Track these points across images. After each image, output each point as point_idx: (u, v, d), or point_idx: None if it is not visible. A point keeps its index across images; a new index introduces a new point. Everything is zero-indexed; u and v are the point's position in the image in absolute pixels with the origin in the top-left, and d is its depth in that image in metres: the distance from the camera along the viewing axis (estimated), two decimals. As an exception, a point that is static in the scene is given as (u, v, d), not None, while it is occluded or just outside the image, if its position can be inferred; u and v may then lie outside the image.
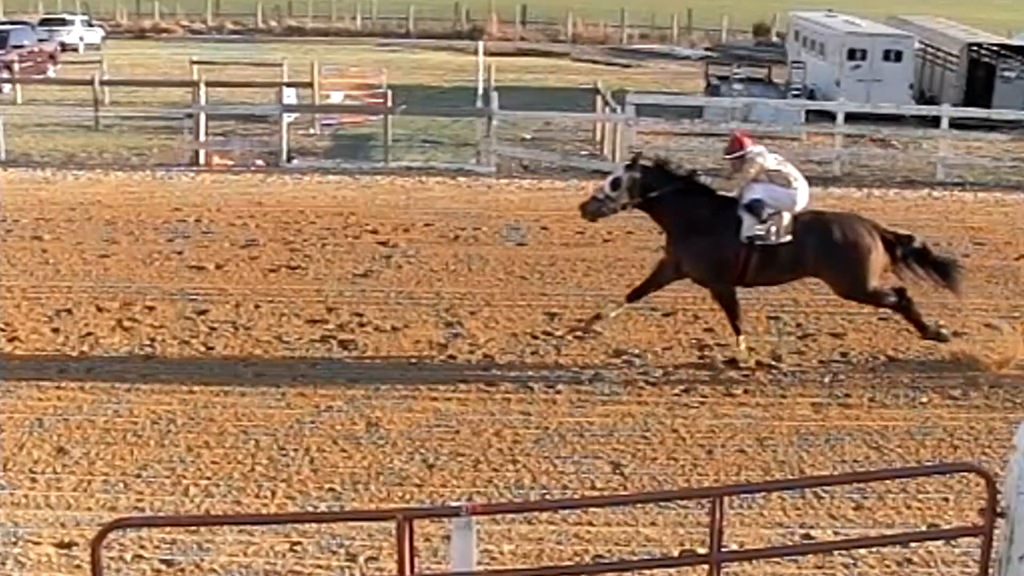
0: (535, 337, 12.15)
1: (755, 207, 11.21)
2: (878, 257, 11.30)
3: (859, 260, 11.25)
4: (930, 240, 12.46)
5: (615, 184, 11.49)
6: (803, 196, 11.42)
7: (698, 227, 11.30)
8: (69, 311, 12.62)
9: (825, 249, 11.25)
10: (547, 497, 8.70)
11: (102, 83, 26.35)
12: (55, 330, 12.07)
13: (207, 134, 22.59)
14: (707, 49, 47.76)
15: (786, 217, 11.24)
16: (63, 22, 44.85)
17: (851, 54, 30.05)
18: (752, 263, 11.27)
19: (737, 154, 11.47)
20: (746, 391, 10.84)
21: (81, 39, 43.68)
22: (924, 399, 10.70)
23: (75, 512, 8.30)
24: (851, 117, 23.16)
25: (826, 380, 11.15)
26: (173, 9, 53.84)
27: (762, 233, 11.19)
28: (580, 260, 15.07)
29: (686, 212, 11.32)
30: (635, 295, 11.95)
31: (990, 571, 6.10)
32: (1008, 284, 14.59)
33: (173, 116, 24.68)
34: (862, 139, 24.08)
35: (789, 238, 11.21)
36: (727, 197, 11.46)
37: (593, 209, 11.67)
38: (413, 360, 11.45)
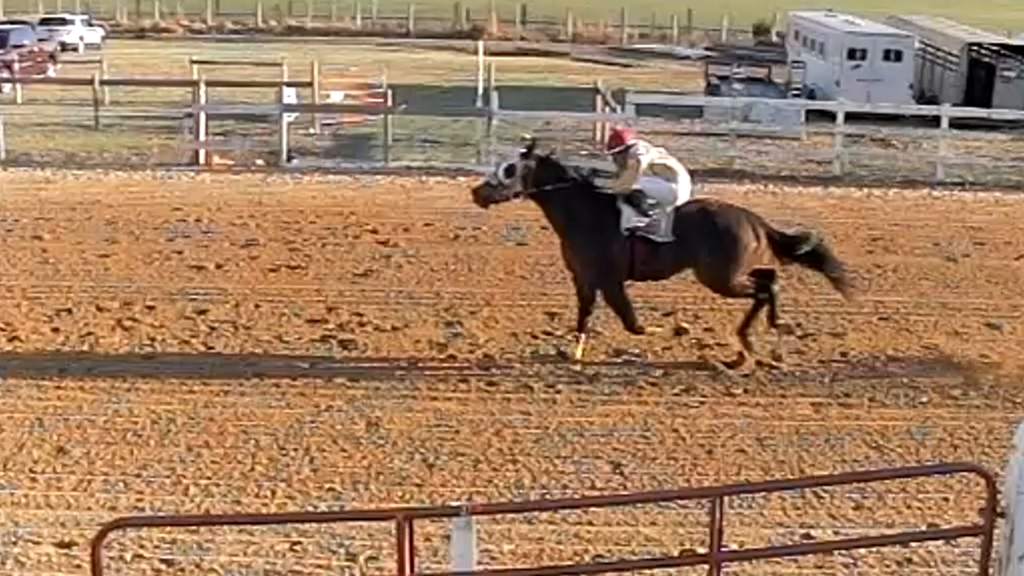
0: (535, 337, 12.16)
1: (635, 198, 11.19)
2: (751, 255, 11.27)
3: (732, 256, 11.20)
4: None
5: (509, 171, 11.44)
6: (684, 190, 11.40)
7: (582, 223, 11.27)
8: (69, 311, 12.62)
9: (704, 240, 11.18)
10: (547, 497, 8.70)
11: (102, 83, 26.34)
12: (55, 330, 12.07)
13: (207, 134, 22.59)
14: (707, 49, 47.76)
15: (668, 209, 11.20)
16: (63, 22, 44.87)
17: (851, 54, 30.05)
18: (637, 255, 11.21)
19: (619, 148, 11.45)
20: (746, 391, 10.84)
21: (81, 39, 43.70)
22: (924, 399, 10.70)
23: (75, 512, 8.30)
24: (851, 117, 23.16)
25: (826, 380, 11.15)
26: (173, 9, 53.87)
27: (641, 224, 11.15)
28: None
29: (572, 208, 11.29)
30: (580, 324, 11.69)
31: (990, 571, 6.10)
32: (1008, 284, 14.59)
33: (173, 116, 24.68)
34: (862, 139, 24.10)
35: (671, 231, 11.15)
36: (607, 192, 11.38)
37: (486, 194, 11.61)
38: (413, 360, 11.44)
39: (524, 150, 11.67)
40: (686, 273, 11.82)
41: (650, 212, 11.16)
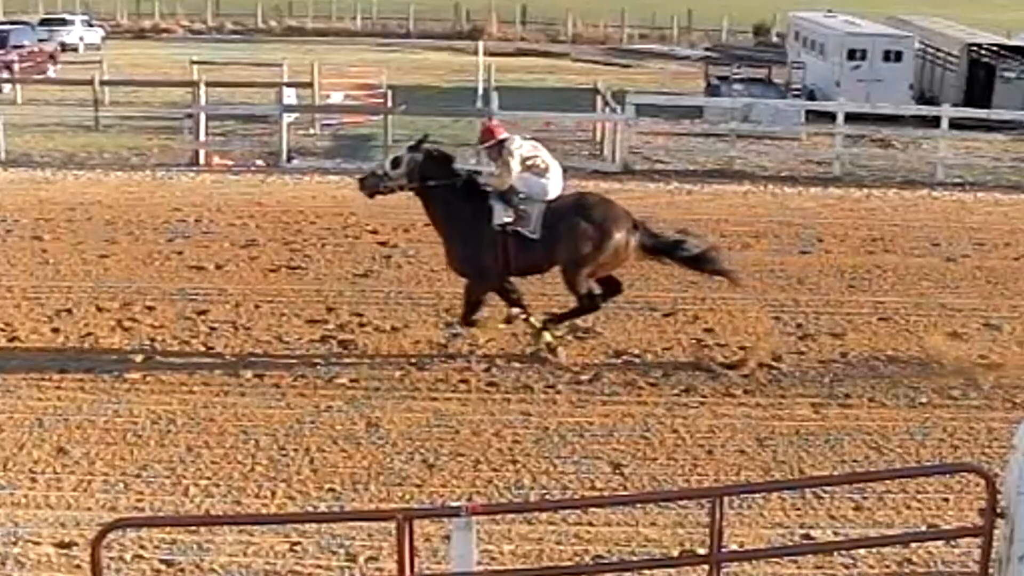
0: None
1: (506, 194, 11.22)
2: (614, 253, 11.27)
3: (595, 249, 11.21)
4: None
5: (395, 163, 11.49)
6: (555, 185, 11.40)
7: (459, 220, 11.32)
8: (69, 311, 12.62)
9: (570, 231, 11.18)
10: (547, 497, 8.70)
11: (102, 83, 26.34)
12: (55, 330, 12.07)
13: (207, 134, 22.59)
14: (707, 49, 47.76)
15: (537, 207, 11.21)
16: (63, 22, 44.86)
17: (851, 54, 30.06)
18: (510, 250, 11.23)
19: (491, 143, 11.48)
20: (746, 391, 10.84)
21: (81, 39, 43.69)
22: (924, 399, 10.70)
23: (75, 512, 8.30)
24: (851, 117, 23.16)
25: (826, 380, 11.16)
26: (173, 9, 53.87)
27: (511, 220, 11.16)
28: (580, 260, 15.05)
29: (452, 205, 11.33)
30: (512, 314, 11.75)
31: (990, 571, 6.11)
32: (1008, 284, 14.59)
33: (173, 116, 24.69)
34: (862, 139, 24.10)
35: (539, 233, 11.16)
36: (483, 189, 11.40)
37: (370, 185, 11.66)
38: (413, 360, 11.44)
39: (413, 144, 11.71)
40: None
41: (521, 207, 11.18)
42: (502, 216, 11.19)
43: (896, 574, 7.67)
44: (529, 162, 11.34)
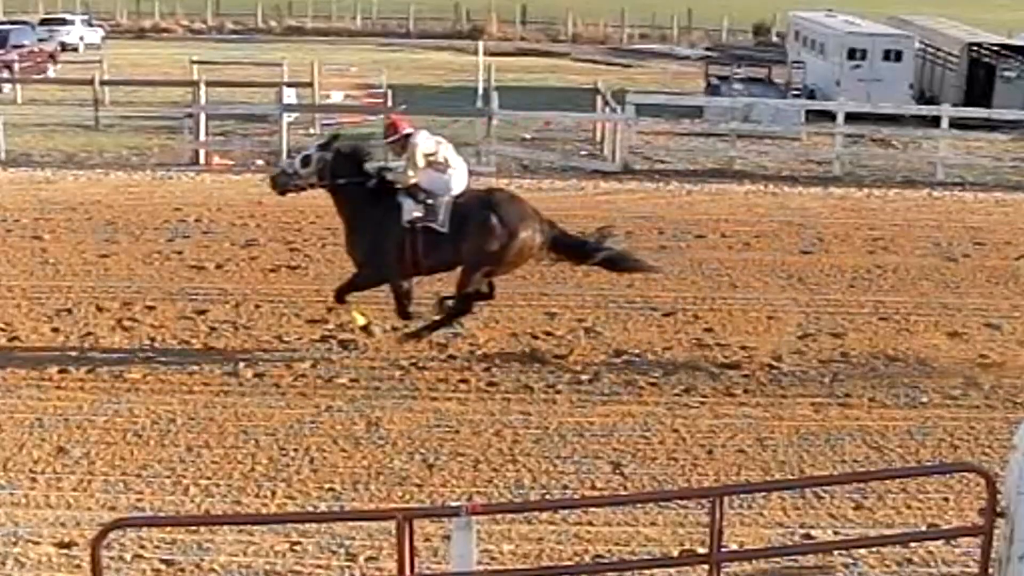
0: (535, 337, 12.15)
1: (411, 190, 11.24)
2: (518, 252, 11.28)
3: (498, 248, 11.21)
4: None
5: (305, 161, 11.50)
6: (459, 181, 11.43)
7: (368, 217, 11.33)
8: (69, 311, 12.62)
9: (478, 229, 11.18)
10: (547, 497, 8.70)
11: (102, 83, 26.34)
12: (55, 330, 12.07)
13: (207, 134, 22.59)
14: (707, 49, 47.75)
15: (443, 201, 11.23)
16: (63, 22, 44.87)
17: (851, 54, 30.06)
18: (419, 248, 11.23)
19: (394, 137, 11.49)
20: (746, 391, 10.83)
21: (81, 39, 43.70)
22: (924, 399, 10.70)
23: (75, 512, 8.30)
24: (851, 117, 23.17)
25: (826, 380, 11.15)
26: (173, 9, 53.87)
27: (420, 215, 11.17)
28: (580, 260, 15.05)
29: (362, 202, 11.34)
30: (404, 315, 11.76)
31: (990, 571, 6.11)
32: (1008, 284, 14.59)
33: (173, 116, 24.69)
34: (862, 139, 24.11)
35: (447, 226, 11.17)
36: (393, 186, 11.41)
37: (281, 182, 11.69)
38: (413, 360, 11.44)
39: (323, 142, 11.75)
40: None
41: (428, 202, 11.20)
42: (411, 212, 11.18)
43: (896, 574, 7.68)
44: (432, 157, 11.36)
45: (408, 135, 11.42)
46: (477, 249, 11.24)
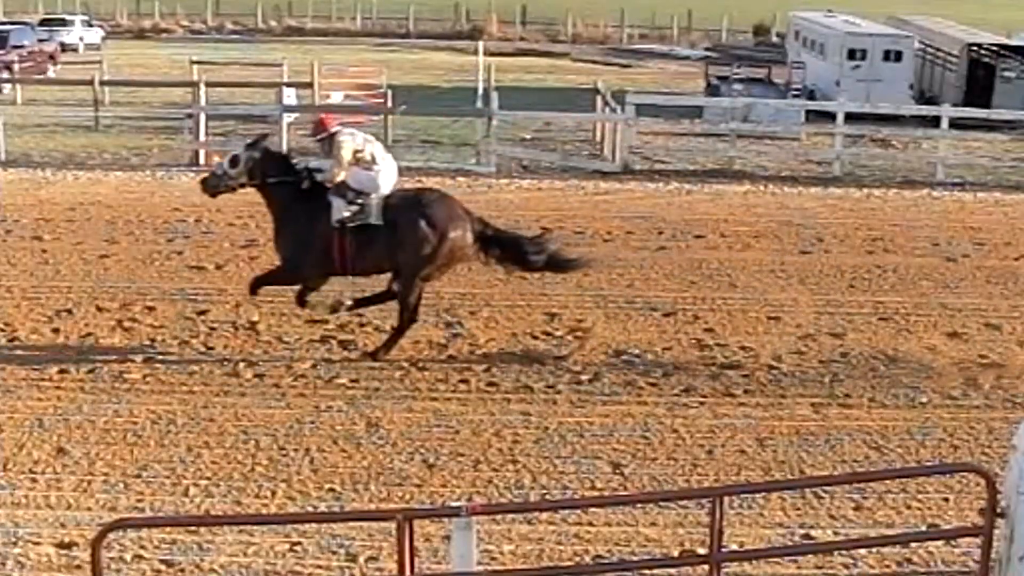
0: (535, 337, 12.16)
1: (340, 189, 11.23)
2: (451, 253, 11.28)
3: (443, 248, 11.21)
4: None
5: (234, 161, 11.50)
6: (387, 178, 11.38)
7: (298, 215, 11.34)
8: (69, 311, 12.62)
9: (415, 230, 11.17)
10: (547, 497, 8.70)
11: (102, 83, 26.34)
12: (55, 330, 12.07)
13: (207, 134, 22.58)
14: (707, 49, 47.75)
15: (374, 199, 11.21)
16: (63, 22, 44.83)
17: (851, 54, 30.05)
18: (347, 249, 11.21)
19: (323, 135, 11.49)
20: (746, 391, 10.84)
21: (81, 39, 43.66)
22: (924, 399, 10.70)
23: (75, 512, 8.30)
24: (851, 117, 23.16)
25: (826, 380, 11.15)
26: (173, 9, 53.84)
27: (350, 215, 11.15)
28: (580, 260, 15.05)
29: (292, 201, 11.35)
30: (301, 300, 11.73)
31: (990, 571, 6.11)
32: (1008, 284, 14.59)
33: (173, 116, 24.68)
34: (862, 139, 24.10)
35: (380, 222, 11.16)
36: (323, 185, 11.40)
37: (212, 184, 11.68)
38: (413, 360, 11.44)
39: (251, 142, 11.76)
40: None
41: (358, 201, 11.18)
42: (341, 212, 11.16)
43: (896, 574, 7.68)
44: (359, 155, 11.32)
45: (335, 133, 11.42)
46: (411, 255, 11.22)
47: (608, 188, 20.19)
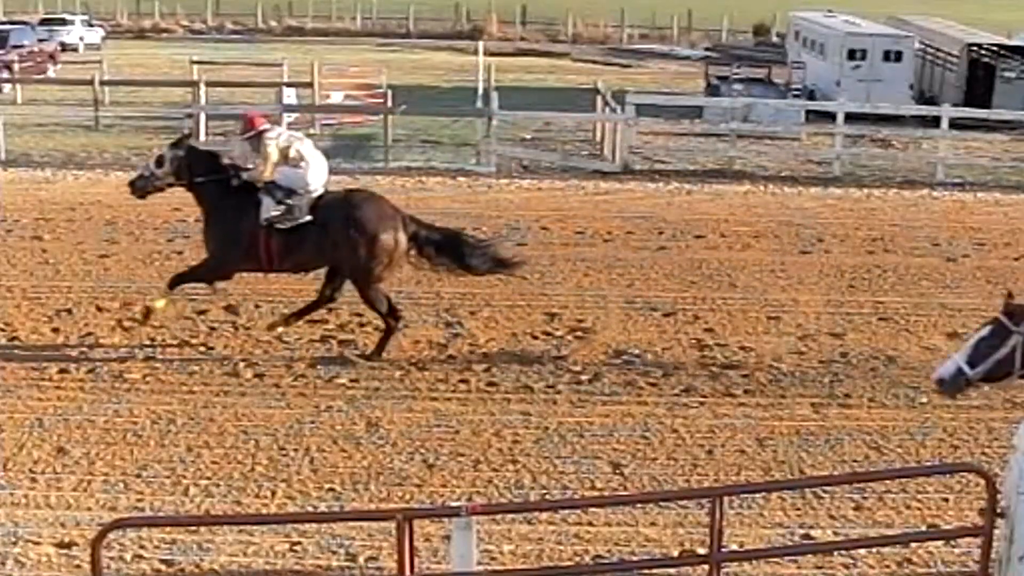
0: (535, 337, 12.16)
1: (269, 187, 11.26)
2: (394, 250, 11.27)
3: (376, 249, 11.20)
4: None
5: (159, 162, 11.53)
6: (316, 176, 11.42)
7: (226, 212, 11.36)
8: (69, 311, 12.62)
9: (345, 232, 11.18)
10: (547, 497, 8.70)
11: (102, 83, 26.34)
12: (55, 330, 12.07)
13: (207, 134, 22.58)
14: (707, 49, 47.75)
15: (304, 198, 11.24)
16: (63, 22, 44.86)
17: (851, 54, 30.05)
18: (274, 247, 11.24)
19: (250, 133, 11.51)
20: (746, 391, 10.83)
21: (81, 39, 43.68)
22: (924, 399, 10.69)
23: (75, 512, 8.30)
24: (851, 117, 23.17)
25: (826, 380, 11.15)
26: (173, 9, 53.87)
27: (278, 215, 11.18)
28: (580, 260, 15.08)
29: (220, 198, 11.39)
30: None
31: (990, 571, 6.11)
32: (1008, 284, 14.56)
33: (173, 116, 24.68)
34: (862, 139, 24.11)
35: (309, 219, 11.19)
36: (254, 183, 11.43)
37: (140, 185, 11.70)
38: (413, 360, 11.44)
39: (175, 141, 11.82)
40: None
41: (288, 201, 11.20)
42: (270, 211, 11.20)
43: (896, 574, 7.68)
44: (288, 153, 11.34)
45: (262, 131, 11.43)
46: (354, 259, 11.26)
47: (608, 188, 20.19)
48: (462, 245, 11.58)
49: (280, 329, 11.82)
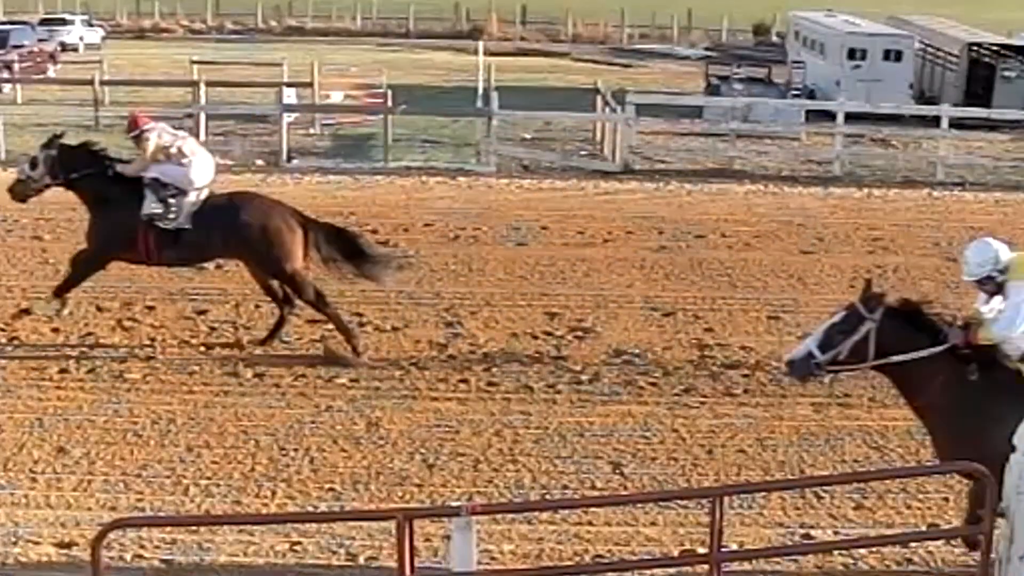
0: (535, 337, 12.16)
1: (153, 186, 11.38)
2: (292, 243, 11.34)
3: (268, 242, 11.31)
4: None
5: (33, 164, 11.69)
6: (200, 173, 11.54)
7: (108, 207, 11.48)
8: (69, 311, 12.60)
9: (233, 231, 11.30)
10: (547, 497, 8.71)
11: (102, 83, 26.35)
12: (55, 330, 12.07)
13: (207, 134, 22.57)
14: (707, 49, 47.73)
15: (190, 196, 11.37)
16: (63, 22, 44.82)
17: (851, 54, 30.05)
18: (153, 242, 11.36)
19: (134, 132, 11.67)
20: (746, 391, 10.84)
21: (81, 39, 43.64)
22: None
23: (75, 512, 8.30)
24: (851, 117, 23.17)
25: (826, 380, 11.11)
26: (173, 9, 53.83)
27: (160, 211, 11.29)
28: (580, 260, 15.07)
29: (101, 193, 11.53)
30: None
31: (990, 571, 6.11)
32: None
33: (173, 116, 24.62)
34: (862, 139, 24.10)
35: (189, 221, 11.31)
36: (138, 177, 11.54)
37: (19, 190, 11.87)
38: (413, 360, 11.44)
39: (46, 141, 11.93)
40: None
41: (169, 199, 11.32)
42: (150, 206, 11.31)
43: (896, 574, 7.68)
44: (169, 150, 11.47)
45: (145, 130, 11.60)
46: (252, 257, 11.47)
47: (608, 188, 20.19)
48: (360, 249, 11.65)
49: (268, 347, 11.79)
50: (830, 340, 7.30)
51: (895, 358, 7.28)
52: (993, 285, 7.56)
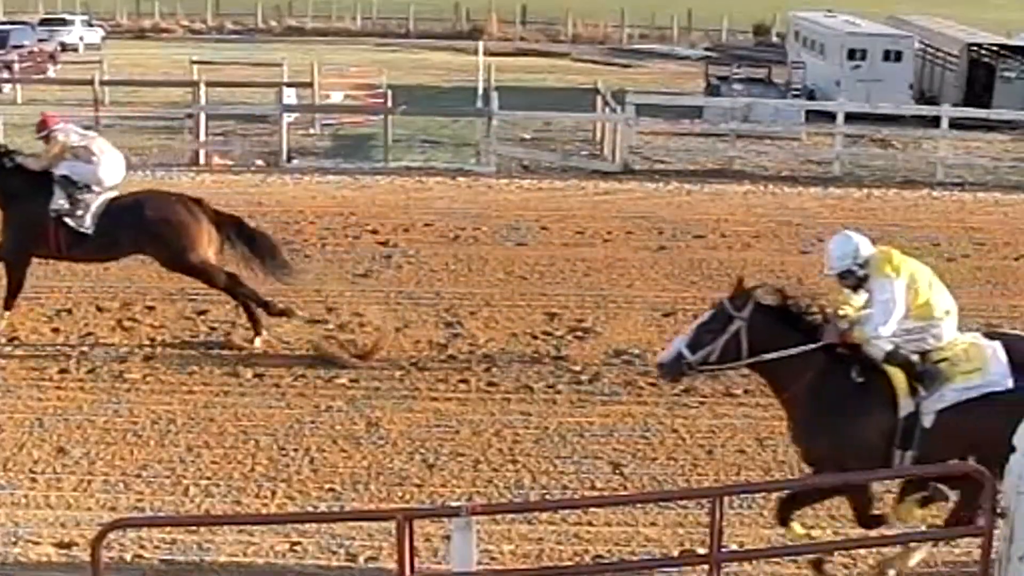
0: (535, 337, 12.16)
1: (62, 182, 11.54)
2: (197, 233, 11.51)
3: (174, 235, 11.47)
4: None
5: None
6: (109, 172, 11.75)
7: (17, 202, 11.61)
8: (69, 311, 12.62)
9: (139, 228, 11.51)
10: (547, 497, 8.71)
11: (102, 83, 26.32)
12: (55, 330, 12.07)
13: (207, 134, 22.57)
14: (707, 49, 47.73)
15: (96, 196, 11.56)
16: (63, 22, 44.82)
17: (851, 54, 30.05)
18: (62, 238, 11.55)
19: (43, 132, 11.82)
20: (746, 391, 10.82)
21: (81, 39, 43.64)
22: (924, 399, 10.66)
23: (75, 512, 8.30)
24: (851, 117, 23.15)
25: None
26: (173, 9, 53.83)
27: (68, 208, 11.47)
28: (580, 260, 15.07)
29: (9, 188, 11.62)
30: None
31: (990, 571, 6.10)
32: (1008, 284, 14.58)
33: (173, 116, 24.67)
34: (862, 139, 24.09)
35: (97, 220, 11.48)
36: (48, 173, 11.66)
37: None
38: (413, 360, 11.44)
39: None
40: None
41: (78, 196, 11.50)
42: (58, 202, 11.48)
43: (896, 574, 7.67)
44: (76, 148, 11.63)
45: (54, 129, 11.76)
46: (162, 252, 11.64)
47: (608, 188, 20.18)
48: (270, 245, 11.87)
49: (258, 342, 11.80)
50: (700, 340, 7.23)
51: (766, 356, 7.21)
52: (854, 279, 7.54)
